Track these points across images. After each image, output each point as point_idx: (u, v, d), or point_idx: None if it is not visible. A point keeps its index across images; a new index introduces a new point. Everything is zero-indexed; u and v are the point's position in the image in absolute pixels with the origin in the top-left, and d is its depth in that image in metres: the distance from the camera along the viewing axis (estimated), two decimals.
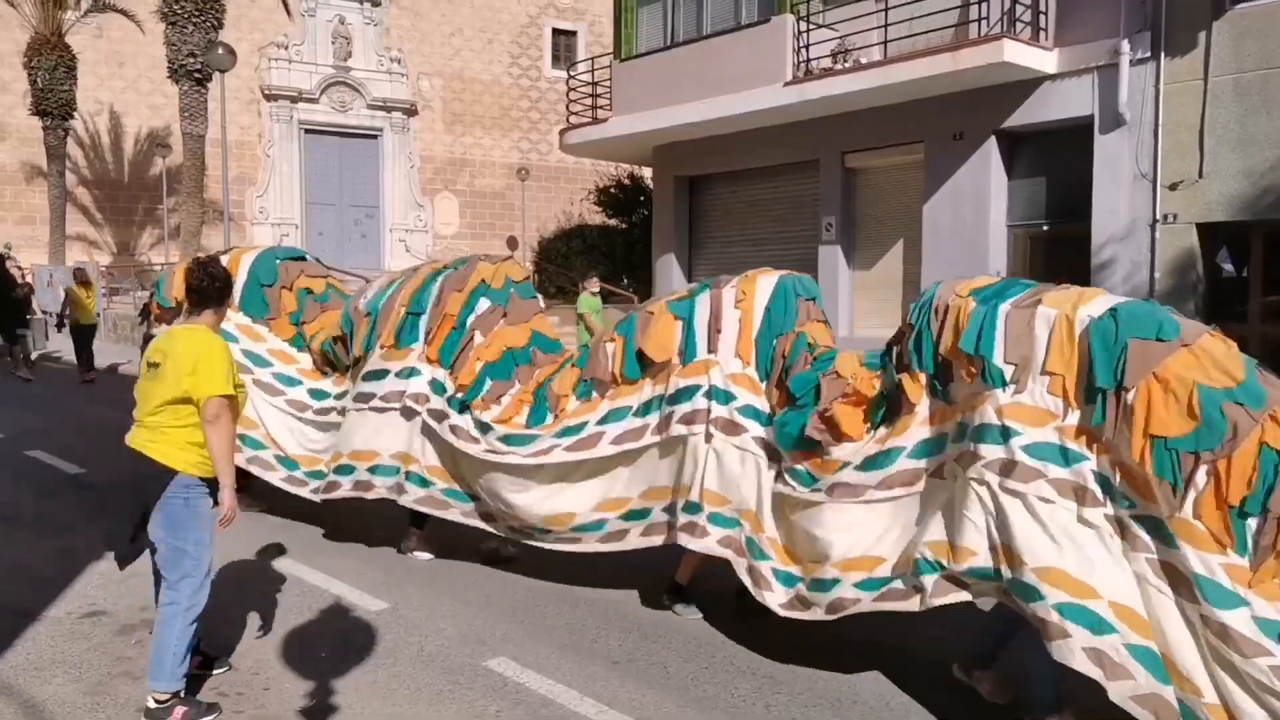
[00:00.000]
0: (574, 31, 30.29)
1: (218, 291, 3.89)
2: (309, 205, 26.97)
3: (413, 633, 4.66)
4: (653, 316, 4.94)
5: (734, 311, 4.71)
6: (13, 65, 22.91)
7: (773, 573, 4.32)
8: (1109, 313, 3.43)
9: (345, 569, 5.61)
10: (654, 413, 4.81)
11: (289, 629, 4.68)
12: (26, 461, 8.55)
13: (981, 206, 11.71)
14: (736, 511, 4.50)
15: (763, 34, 13.12)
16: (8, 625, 4.59)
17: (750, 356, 4.64)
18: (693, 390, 4.66)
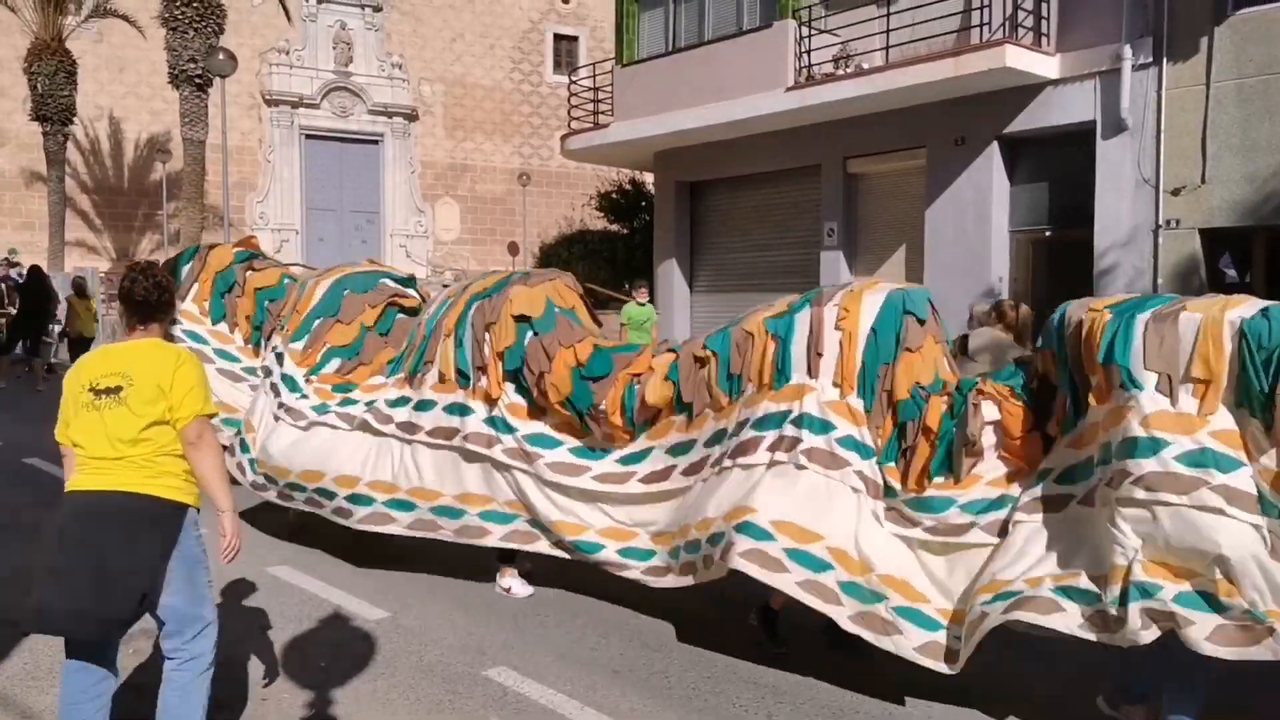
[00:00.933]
0: (575, 37, 30.33)
1: (167, 302, 3.51)
2: (309, 211, 26.98)
3: (412, 642, 4.62)
4: (751, 337, 4.49)
5: (835, 332, 4.23)
6: (12, 71, 22.92)
7: (897, 612, 3.92)
8: (1261, 313, 3.28)
9: (344, 577, 5.57)
10: (721, 443, 4.48)
11: (287, 638, 4.64)
12: (24, 469, 8.51)
13: (983, 212, 11.69)
14: (827, 551, 4.00)
15: (764, 39, 13.12)
16: (5, 635, 4.53)
17: (853, 383, 4.18)
18: (780, 417, 4.24)
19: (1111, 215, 10.82)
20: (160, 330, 3.46)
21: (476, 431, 5.13)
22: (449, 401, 5.25)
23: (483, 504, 5.14)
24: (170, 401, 3.20)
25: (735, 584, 4.53)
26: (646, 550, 4.73)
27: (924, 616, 3.90)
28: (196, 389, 3.27)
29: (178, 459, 3.28)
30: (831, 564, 3.96)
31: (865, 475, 4.10)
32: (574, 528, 4.93)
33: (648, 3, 15.17)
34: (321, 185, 27.15)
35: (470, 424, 5.15)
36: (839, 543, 3.99)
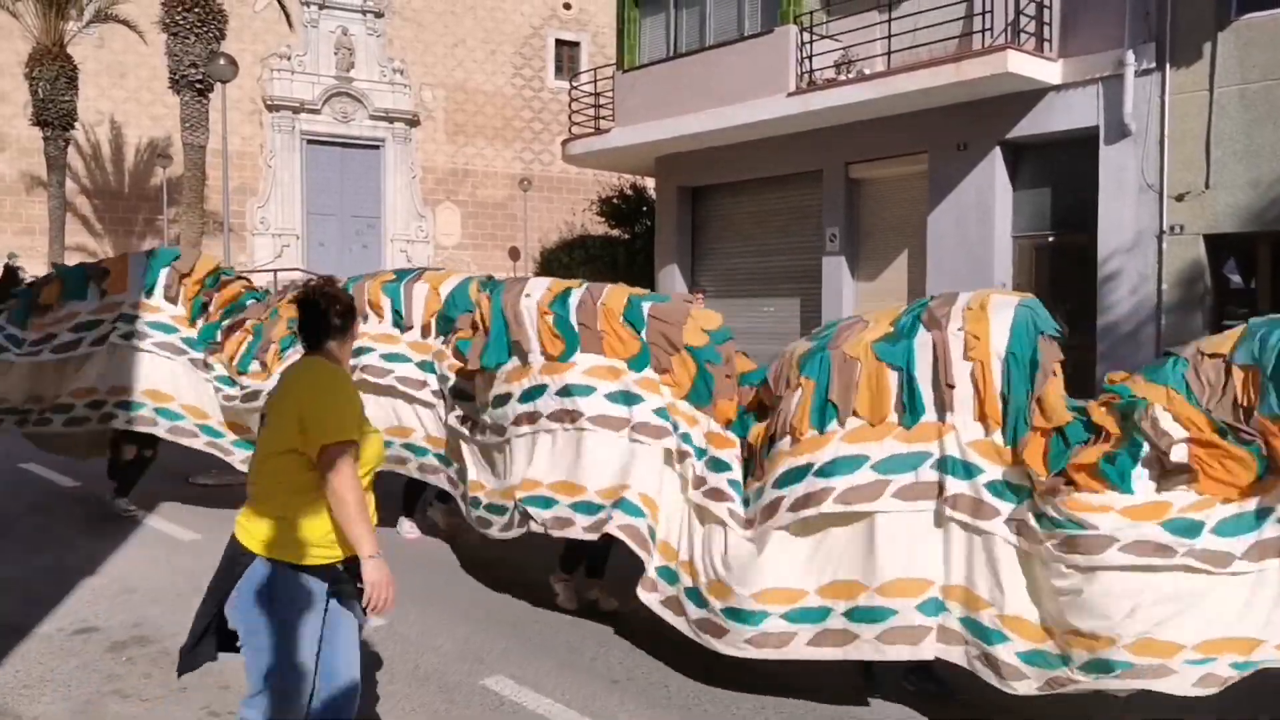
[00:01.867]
0: (577, 42, 30.34)
1: (341, 316, 2.99)
2: (310, 216, 26.96)
3: (409, 650, 4.58)
4: (857, 364, 3.97)
5: (965, 364, 3.77)
6: (13, 76, 22.93)
7: (1016, 655, 3.57)
8: None
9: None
10: (793, 485, 3.93)
11: None
12: (19, 474, 8.47)
13: (986, 217, 11.65)
14: (962, 605, 3.68)
15: (765, 45, 13.10)
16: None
17: (997, 417, 3.72)
18: (918, 459, 3.76)
19: (1115, 221, 10.77)
20: (335, 351, 2.96)
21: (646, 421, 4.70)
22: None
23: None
24: (297, 429, 2.76)
25: None
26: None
27: (1044, 655, 3.56)
28: (328, 414, 2.77)
29: (287, 495, 2.79)
30: (1007, 635, 3.57)
31: (1019, 523, 3.63)
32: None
33: (649, 8, 15.16)
34: (322, 190, 27.14)
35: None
36: (980, 592, 3.63)
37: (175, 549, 6.25)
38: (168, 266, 6.99)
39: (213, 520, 6.91)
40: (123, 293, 6.85)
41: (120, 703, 4.00)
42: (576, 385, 4.72)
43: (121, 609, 5.09)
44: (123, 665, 4.36)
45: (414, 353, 5.95)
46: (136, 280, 6.90)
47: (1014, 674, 3.53)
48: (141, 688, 4.16)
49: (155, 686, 4.16)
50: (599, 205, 19.67)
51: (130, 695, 4.07)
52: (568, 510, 4.62)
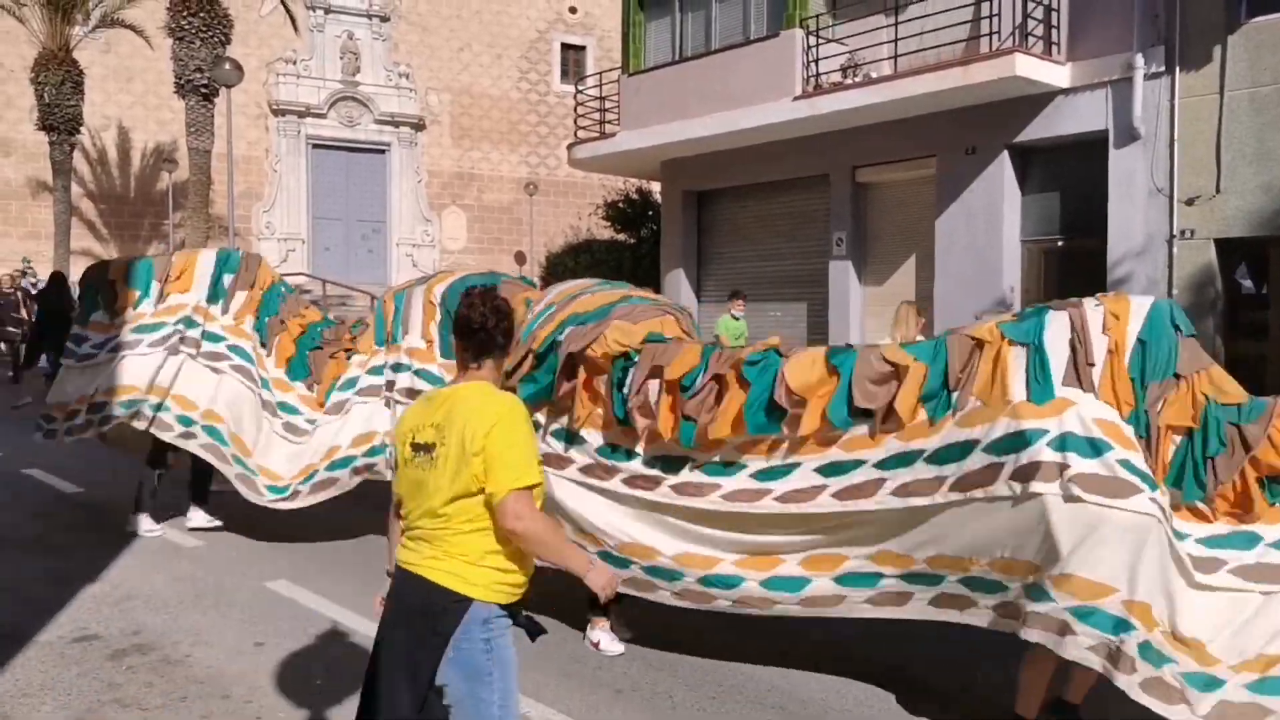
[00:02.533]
0: (583, 46, 30.34)
1: (506, 331, 2.75)
2: (316, 220, 26.97)
3: None
4: (981, 348, 3.73)
5: (1103, 338, 3.53)
6: (19, 80, 22.98)
7: (1184, 678, 3.28)
8: None
9: (342, 592, 5.46)
10: (953, 463, 3.67)
11: (284, 654, 4.54)
12: (22, 479, 8.44)
13: (994, 221, 11.57)
14: (1123, 606, 3.31)
15: (772, 48, 13.05)
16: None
17: (1128, 398, 3.48)
18: (1034, 435, 3.47)
19: (1125, 225, 10.69)
20: (494, 371, 2.76)
21: (591, 463, 4.57)
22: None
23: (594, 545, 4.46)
24: (480, 469, 2.54)
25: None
26: (799, 578, 4.04)
27: (1211, 679, 3.30)
28: (512, 453, 2.55)
29: (479, 535, 2.60)
30: (1130, 623, 3.30)
31: (1160, 504, 3.38)
32: (704, 560, 4.20)
33: (655, 12, 15.12)
34: (328, 195, 27.15)
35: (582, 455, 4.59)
36: (1138, 596, 3.33)
37: (177, 555, 6.21)
38: (232, 274, 6.84)
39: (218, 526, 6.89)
40: (187, 293, 6.68)
41: (120, 711, 3.96)
42: None
43: (122, 616, 5.04)
44: (123, 674, 4.32)
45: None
46: (202, 282, 6.75)
47: (1179, 698, 3.28)
48: (142, 696, 4.12)
49: (155, 695, 4.12)
50: (605, 209, 19.63)
51: (130, 704, 4.03)
52: None
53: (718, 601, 4.23)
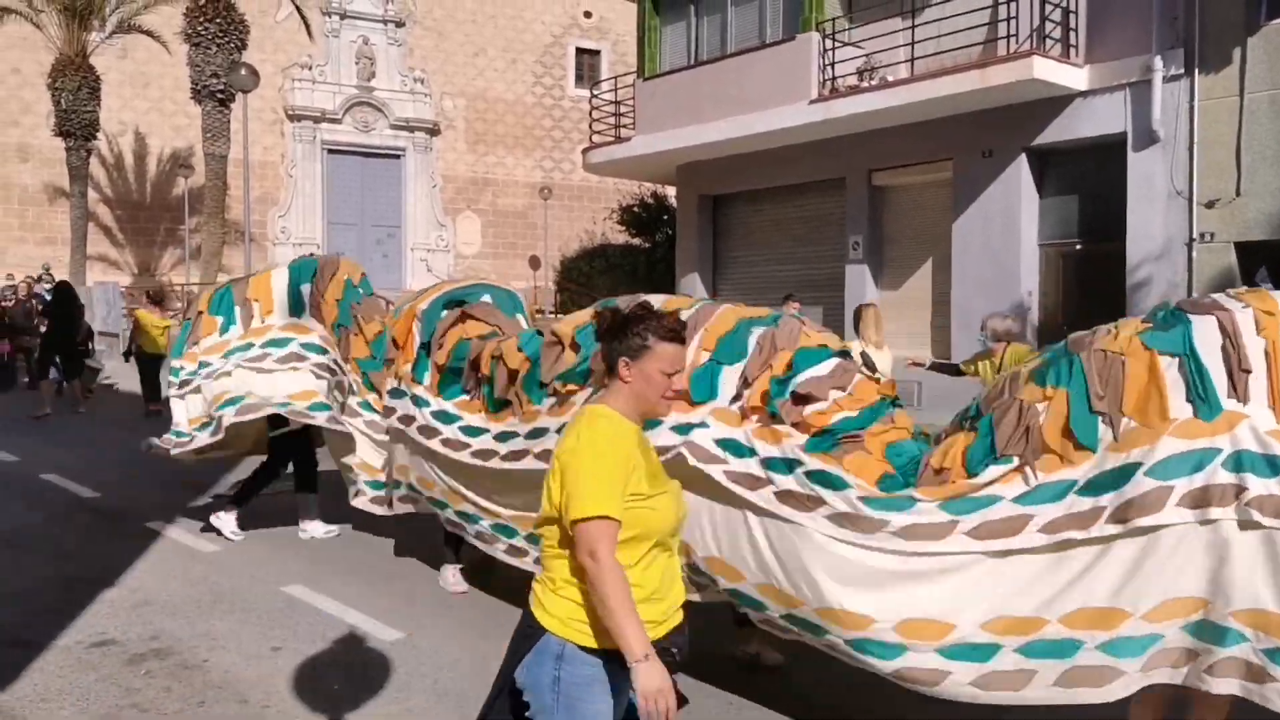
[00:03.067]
0: (598, 51, 30.39)
1: (626, 349, 2.41)
2: (331, 225, 27.09)
3: (427, 664, 4.49)
4: (1122, 361, 3.25)
5: (1258, 340, 3.11)
6: (36, 86, 23.17)
7: None
8: None
9: (360, 597, 5.43)
10: (1110, 491, 3.15)
11: (301, 659, 4.52)
12: (40, 485, 8.44)
13: (1012, 225, 11.50)
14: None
15: (787, 52, 13.03)
16: (15, 655, 4.47)
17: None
18: (1205, 457, 3.03)
19: (1144, 228, 10.60)
20: (620, 394, 2.43)
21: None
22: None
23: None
24: (557, 491, 2.35)
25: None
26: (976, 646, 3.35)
27: None
28: (585, 481, 2.28)
29: (560, 560, 2.38)
30: None
31: None
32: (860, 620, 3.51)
33: (670, 16, 15.12)
34: (343, 200, 27.27)
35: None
36: None
37: (194, 560, 6.19)
38: (308, 284, 6.70)
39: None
40: (271, 315, 6.63)
41: (139, 716, 3.94)
42: None
43: (139, 621, 5.02)
44: (141, 678, 4.30)
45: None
46: (281, 300, 6.68)
47: None
48: (160, 701, 4.09)
49: (174, 700, 4.10)
50: (619, 214, 19.64)
51: (149, 709, 4.01)
52: None
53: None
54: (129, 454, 10.02)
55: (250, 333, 6.57)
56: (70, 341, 13.23)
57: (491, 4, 28.87)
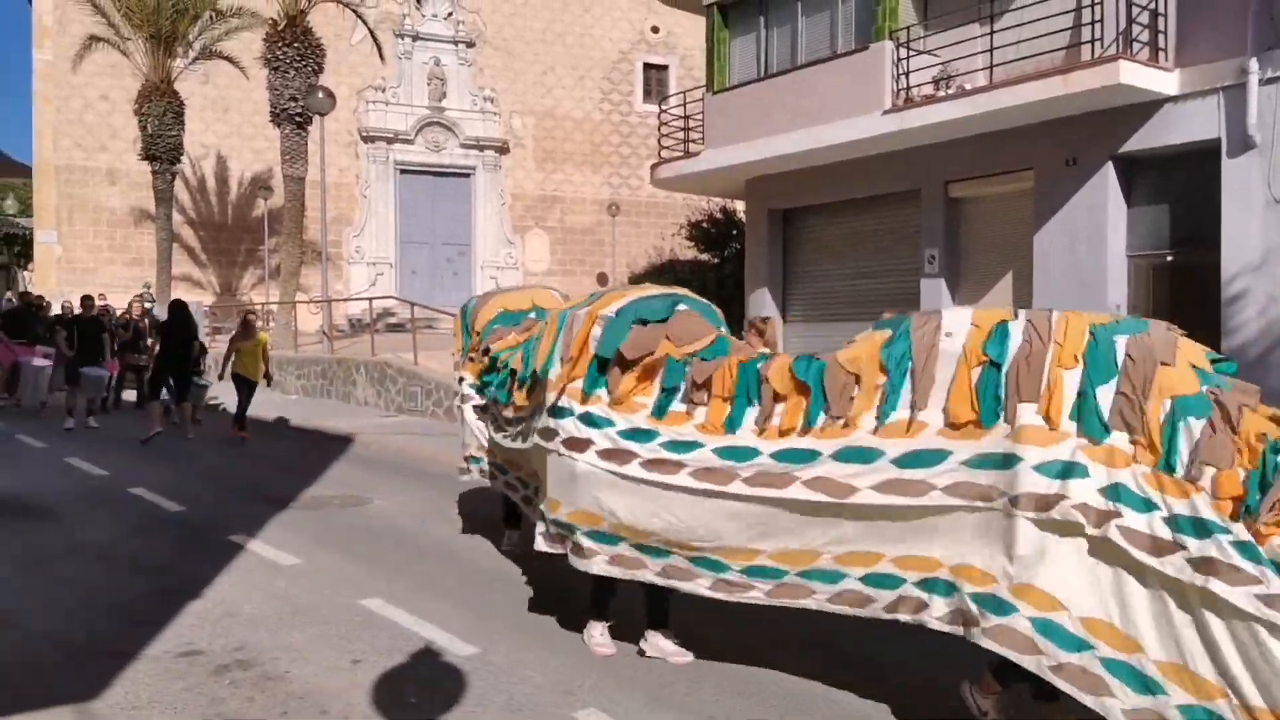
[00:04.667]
0: (665, 65, 30.48)
1: None
2: (403, 244, 27.58)
3: (501, 680, 4.48)
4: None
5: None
6: (124, 113, 24.08)
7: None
8: None
9: (435, 611, 5.46)
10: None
11: (379, 672, 4.56)
12: (128, 498, 8.67)
13: (1098, 236, 11.09)
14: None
15: (860, 62, 12.84)
16: (106, 664, 4.58)
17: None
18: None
19: (1240, 237, 10.13)
20: None
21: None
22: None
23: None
24: None
25: (833, 630, 4.20)
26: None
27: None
28: None
29: None
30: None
31: None
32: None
33: (739, 29, 15.05)
34: (415, 218, 27.76)
35: None
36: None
37: (275, 573, 6.27)
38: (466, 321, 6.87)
39: (313, 544, 6.98)
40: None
41: None
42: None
43: (224, 633, 5.11)
44: (226, 689, 4.37)
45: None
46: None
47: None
48: (244, 711, 4.14)
49: (257, 710, 4.15)
50: (688, 229, 19.58)
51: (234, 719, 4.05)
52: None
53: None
54: (212, 469, 10.27)
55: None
56: (185, 362, 12.71)
57: (560, 22, 29.20)
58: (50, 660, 4.71)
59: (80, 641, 4.95)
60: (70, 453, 10.98)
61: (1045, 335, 3.53)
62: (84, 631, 5.10)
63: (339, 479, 9.77)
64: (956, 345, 3.72)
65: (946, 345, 3.76)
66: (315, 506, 8.38)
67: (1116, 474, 3.26)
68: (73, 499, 8.53)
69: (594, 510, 4.51)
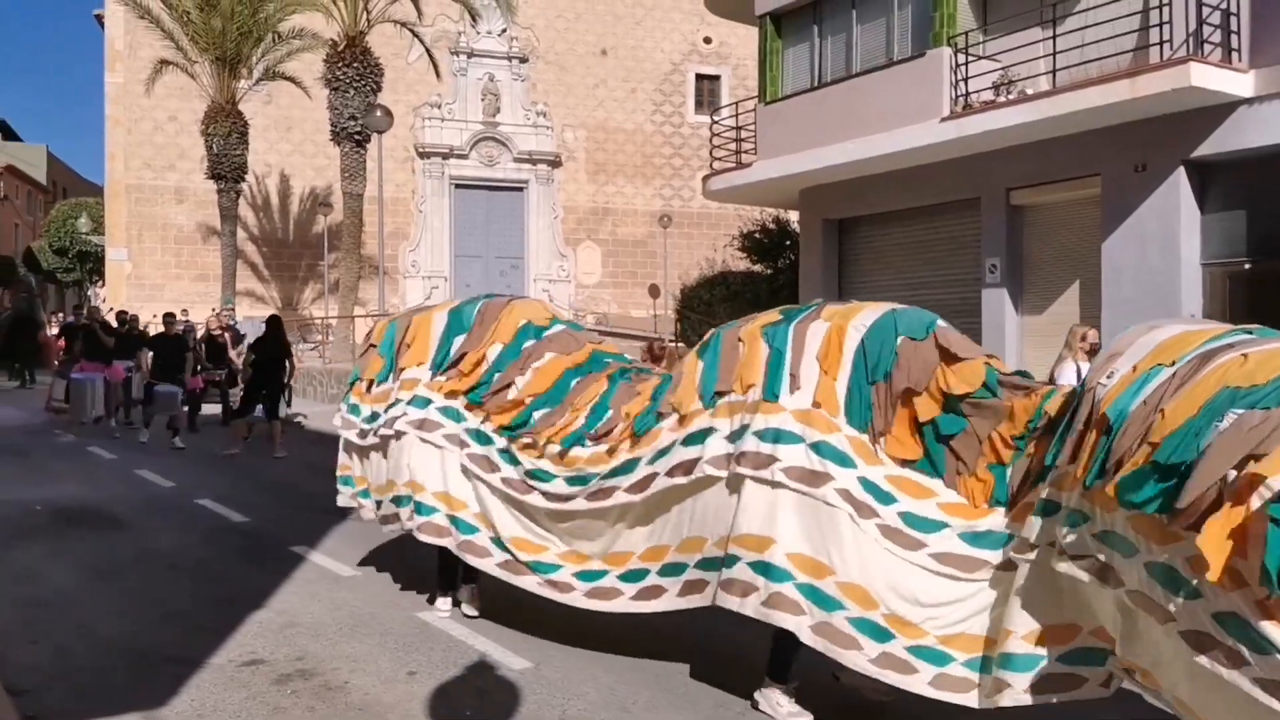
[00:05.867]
0: (717, 76, 30.45)
1: None
2: (457, 258, 27.90)
3: (555, 694, 4.48)
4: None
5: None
6: (191, 133, 24.80)
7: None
8: None
9: (489, 625, 5.47)
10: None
11: (435, 684, 4.59)
12: (195, 509, 8.83)
13: (1170, 244, 10.73)
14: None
15: (916, 69, 12.64)
16: (176, 671, 4.67)
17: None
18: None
19: None
20: None
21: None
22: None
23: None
24: None
25: None
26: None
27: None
28: None
29: None
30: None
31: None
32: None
33: (792, 38, 14.94)
34: (469, 232, 28.07)
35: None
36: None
37: (335, 584, 6.33)
38: (463, 334, 5.52)
39: (373, 556, 7.04)
40: (421, 366, 5.57)
41: None
42: None
43: (286, 642, 5.16)
44: (288, 698, 4.41)
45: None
46: (432, 351, 5.60)
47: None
48: None
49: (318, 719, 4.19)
50: (740, 240, 19.43)
51: None
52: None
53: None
54: (274, 480, 10.43)
55: (402, 386, 5.56)
56: (278, 380, 12.30)
57: (612, 35, 29.36)
58: (121, 666, 4.80)
59: (149, 649, 5.03)
60: (139, 464, 11.24)
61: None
62: (152, 639, 5.19)
63: None
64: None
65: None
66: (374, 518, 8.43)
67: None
68: (142, 509, 8.71)
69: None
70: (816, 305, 4.45)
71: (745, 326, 4.48)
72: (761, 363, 4.23)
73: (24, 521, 8.09)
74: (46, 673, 4.69)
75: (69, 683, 4.58)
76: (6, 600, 5.86)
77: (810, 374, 4.08)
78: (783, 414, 4.04)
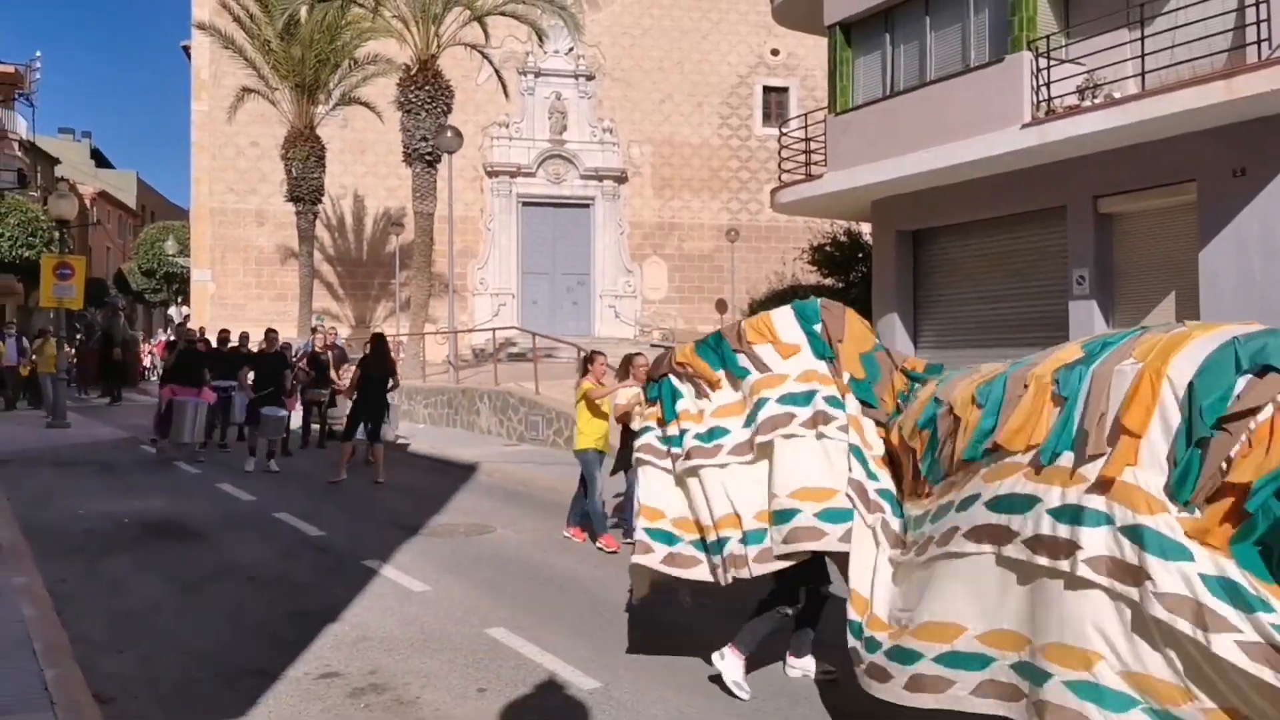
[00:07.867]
0: (785, 88, 30.20)
1: None
2: (525, 275, 28.11)
3: (624, 716, 4.42)
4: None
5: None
6: (272, 158, 25.57)
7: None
8: None
9: (558, 643, 5.41)
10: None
11: (504, 702, 4.57)
12: (272, 523, 8.97)
13: (1273, 251, 10.15)
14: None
15: (995, 75, 12.27)
16: (255, 683, 4.73)
17: None
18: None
19: None
20: None
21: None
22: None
23: None
24: None
25: None
26: None
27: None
28: None
29: None
30: None
31: None
32: None
33: (863, 47, 14.68)
34: (536, 250, 28.29)
35: None
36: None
37: (407, 599, 6.32)
38: (819, 324, 4.85)
39: (443, 572, 7.04)
40: (792, 358, 4.80)
41: None
42: None
43: (359, 656, 5.18)
44: (361, 711, 4.43)
45: None
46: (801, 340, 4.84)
47: None
48: None
49: None
50: (810, 253, 19.12)
51: None
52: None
53: None
54: (349, 495, 10.54)
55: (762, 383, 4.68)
56: (383, 401, 11.89)
57: (678, 50, 29.38)
58: (203, 677, 4.86)
59: (229, 660, 5.10)
60: (221, 479, 11.46)
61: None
62: (233, 650, 5.26)
63: (465, 507, 9.86)
64: None
65: None
66: (443, 534, 8.45)
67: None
68: (222, 523, 8.88)
69: None
70: (1134, 335, 3.62)
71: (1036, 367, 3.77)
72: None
73: (114, 534, 8.31)
74: (132, 682, 4.76)
75: (154, 692, 4.65)
76: (99, 610, 6.01)
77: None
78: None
